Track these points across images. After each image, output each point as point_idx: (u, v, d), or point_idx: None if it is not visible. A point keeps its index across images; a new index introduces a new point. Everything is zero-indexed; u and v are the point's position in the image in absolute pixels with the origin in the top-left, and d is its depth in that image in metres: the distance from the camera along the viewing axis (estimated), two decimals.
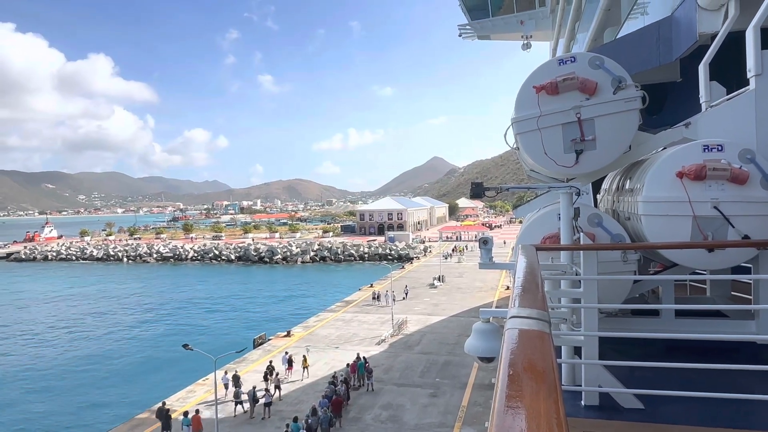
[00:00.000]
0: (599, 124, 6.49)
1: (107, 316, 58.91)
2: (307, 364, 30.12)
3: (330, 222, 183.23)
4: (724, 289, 8.06)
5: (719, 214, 5.90)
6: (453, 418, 23.59)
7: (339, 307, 49.40)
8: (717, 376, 5.27)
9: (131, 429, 23.91)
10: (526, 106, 6.71)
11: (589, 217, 6.77)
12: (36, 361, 42.52)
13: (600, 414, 4.94)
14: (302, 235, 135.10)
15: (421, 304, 48.99)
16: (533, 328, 1.72)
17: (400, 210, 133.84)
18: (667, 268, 7.47)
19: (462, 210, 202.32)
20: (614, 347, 6.84)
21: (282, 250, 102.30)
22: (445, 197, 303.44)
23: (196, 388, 28.69)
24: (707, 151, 6.04)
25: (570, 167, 6.61)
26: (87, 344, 47.24)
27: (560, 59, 6.72)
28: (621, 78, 6.44)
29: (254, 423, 24.12)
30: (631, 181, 7.22)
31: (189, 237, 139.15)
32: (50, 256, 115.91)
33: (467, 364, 30.24)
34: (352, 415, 24.27)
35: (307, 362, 30.17)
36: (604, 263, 6.38)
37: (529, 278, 2.78)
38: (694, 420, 4.66)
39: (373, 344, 35.70)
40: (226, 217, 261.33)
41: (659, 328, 6.71)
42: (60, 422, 30.05)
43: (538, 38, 34.61)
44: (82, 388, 35.63)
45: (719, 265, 6.23)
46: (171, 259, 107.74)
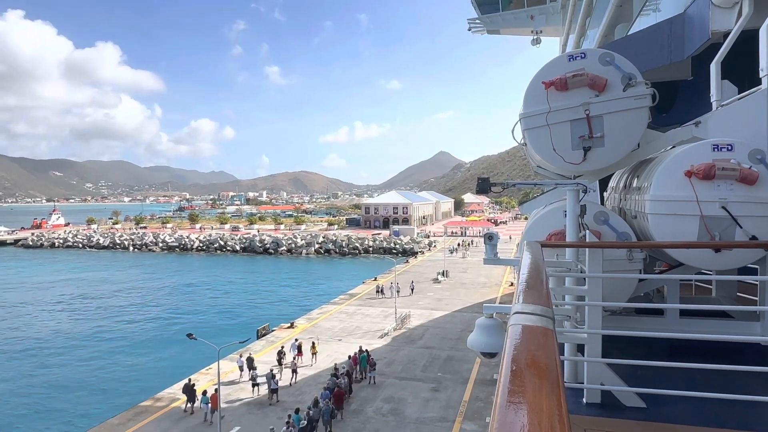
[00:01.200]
0: (608, 121, 6.44)
1: (112, 304, 59.37)
2: (316, 350, 31.31)
3: (335, 215, 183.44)
4: (730, 290, 8.02)
5: (727, 214, 5.86)
6: (454, 413, 23.67)
7: (342, 299, 49.55)
8: (721, 377, 5.25)
9: (135, 416, 24.14)
10: (535, 101, 6.67)
11: (596, 214, 6.74)
12: (39, 346, 42.96)
13: (602, 412, 4.94)
14: (307, 227, 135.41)
15: (424, 298, 49.06)
16: (537, 324, 1.71)
17: (406, 204, 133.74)
18: (672, 268, 7.43)
19: (467, 205, 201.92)
20: (617, 346, 6.82)
21: (287, 241, 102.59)
22: (450, 192, 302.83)
23: (200, 376, 28.89)
24: (717, 150, 5.98)
25: (577, 164, 6.58)
26: (91, 331, 47.65)
27: (570, 55, 6.67)
28: (631, 75, 6.38)
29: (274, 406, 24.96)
30: (638, 180, 7.17)
31: (194, 227, 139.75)
32: (57, 243, 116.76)
33: (469, 359, 30.30)
34: (354, 408, 24.40)
35: (316, 348, 31.38)
36: (610, 261, 6.36)
37: (533, 274, 2.76)
38: (696, 420, 4.65)
39: (375, 337, 35.81)
40: (232, 208, 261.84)
41: (663, 328, 6.68)
42: (63, 408, 30.39)
43: (549, 34, 34.36)
44: (85, 375, 36.00)
45: (726, 265, 6.19)
46: (176, 249, 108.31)
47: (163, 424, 23.19)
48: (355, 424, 22.78)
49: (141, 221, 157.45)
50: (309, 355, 30.81)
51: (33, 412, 29.96)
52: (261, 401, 25.36)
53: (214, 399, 22.67)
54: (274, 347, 32.57)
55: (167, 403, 25.46)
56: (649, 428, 4.52)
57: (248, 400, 25.56)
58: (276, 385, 25.42)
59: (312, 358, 30.76)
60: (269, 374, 25.53)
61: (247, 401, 25.44)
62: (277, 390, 25.44)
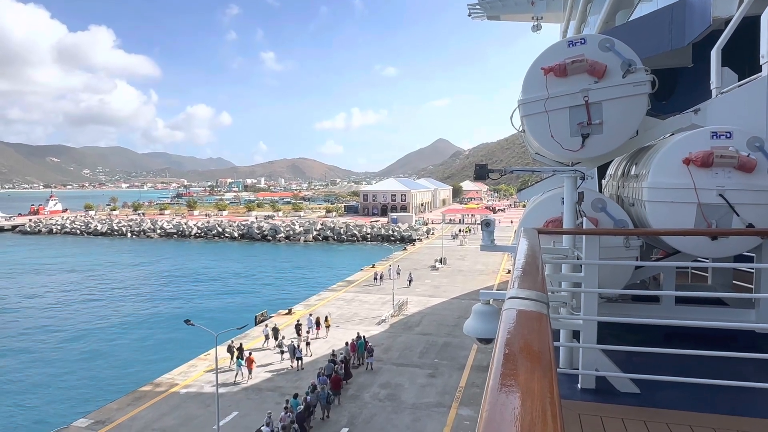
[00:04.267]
0: (607, 108, 6.40)
1: (109, 290, 59.46)
2: (329, 323, 34.46)
3: (333, 202, 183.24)
4: (725, 277, 8.05)
5: (724, 201, 5.86)
6: (450, 399, 23.88)
7: (340, 286, 49.70)
8: (715, 363, 5.28)
9: (134, 401, 24.32)
10: (534, 88, 6.62)
11: (593, 201, 6.73)
12: (37, 332, 43.06)
13: (596, 397, 4.98)
14: (305, 214, 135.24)
15: (422, 285, 49.23)
16: (531, 309, 1.71)
17: (404, 191, 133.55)
18: (669, 255, 7.45)
19: (466, 193, 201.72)
20: (613, 332, 6.86)
21: (285, 228, 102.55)
22: (449, 180, 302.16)
23: (198, 362, 29.08)
24: (715, 138, 5.96)
25: (576, 151, 6.55)
26: (88, 317, 47.76)
27: (570, 41, 6.61)
28: (631, 61, 6.33)
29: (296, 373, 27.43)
30: (637, 167, 7.16)
31: (192, 213, 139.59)
32: (55, 229, 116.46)
33: (466, 346, 30.50)
34: (351, 393, 24.60)
35: (329, 322, 34.53)
36: (606, 248, 6.37)
37: (529, 261, 2.76)
38: (690, 405, 4.69)
39: (373, 324, 35.99)
40: (230, 195, 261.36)
41: (659, 315, 6.72)
42: (60, 394, 30.56)
43: (549, 20, 34.06)
44: (82, 361, 36.14)
45: (722, 253, 6.20)
46: (175, 235, 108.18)
47: (162, 409, 23.36)
48: (353, 409, 22.98)
49: (139, 207, 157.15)
50: (324, 329, 33.87)
51: (30, 395, 30.15)
52: (259, 386, 25.58)
53: (249, 361, 26.52)
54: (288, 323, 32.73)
55: (166, 388, 25.63)
56: (643, 413, 4.56)
57: (245, 385, 25.75)
58: (300, 353, 28.22)
59: (327, 331, 33.76)
60: (291, 345, 28.36)
61: (245, 386, 25.63)
62: (302, 358, 28.27)
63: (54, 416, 26.91)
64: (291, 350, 28.16)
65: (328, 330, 33.90)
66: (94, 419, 22.60)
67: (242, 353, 27.42)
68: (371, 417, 22.30)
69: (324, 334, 33.50)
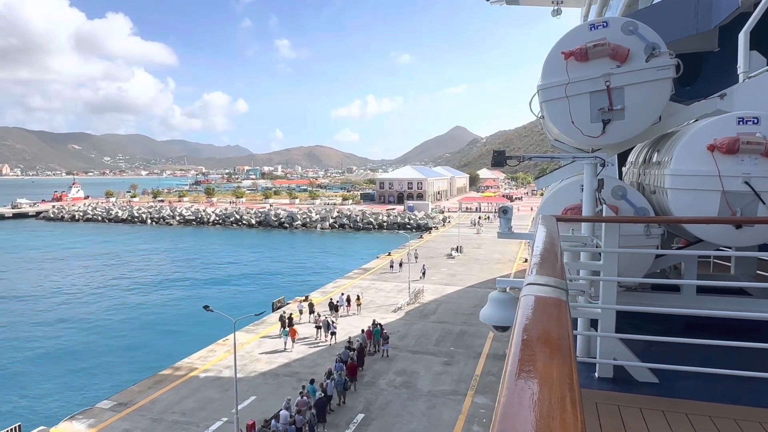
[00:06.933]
0: (629, 93, 6.25)
1: (130, 275, 60.62)
2: (360, 302, 36.82)
3: (350, 189, 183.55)
4: (749, 267, 7.88)
5: (750, 189, 5.71)
6: (466, 387, 23.94)
7: (356, 274, 49.94)
8: (737, 355, 5.19)
9: (155, 384, 24.86)
10: (554, 72, 6.49)
11: (613, 189, 6.62)
12: (60, 316, 44.17)
13: (614, 386, 4.93)
14: (321, 201, 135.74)
15: (438, 274, 49.20)
16: (550, 296, 1.68)
17: (421, 179, 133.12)
18: (691, 244, 7.30)
19: (483, 181, 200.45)
20: (631, 322, 6.78)
21: (301, 216, 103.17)
22: (466, 167, 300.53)
23: (216, 347, 29.57)
24: (742, 123, 5.79)
25: (596, 137, 6.43)
26: (109, 302, 48.83)
27: (592, 24, 6.45)
28: (655, 45, 6.15)
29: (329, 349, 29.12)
30: (659, 154, 7.00)
31: (210, 200, 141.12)
32: (77, 215, 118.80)
33: (482, 334, 30.48)
34: (367, 380, 24.80)
35: (360, 300, 36.97)
36: (626, 236, 6.26)
37: (548, 248, 2.72)
38: (710, 396, 4.61)
39: (389, 311, 36.14)
40: (248, 182, 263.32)
41: (679, 304, 6.61)
42: (81, 378, 31.38)
43: (569, 4, 33.26)
44: (104, 344, 37.02)
45: (746, 242, 6.05)
46: (193, 222, 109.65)
47: (182, 392, 23.85)
48: (369, 396, 23.19)
49: (158, 194, 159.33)
50: (355, 307, 36.15)
51: (53, 377, 31.03)
52: (276, 372, 25.93)
53: (293, 332, 29.31)
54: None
55: (186, 372, 26.14)
56: (661, 403, 4.51)
57: (264, 370, 26.12)
58: (335, 328, 30.11)
59: (358, 308, 36.07)
60: (325, 321, 30.45)
61: (263, 371, 26.01)
62: (336, 333, 30.01)
63: (77, 397, 27.70)
64: (325, 325, 30.26)
65: (359, 308, 36.23)
66: (117, 401, 23.18)
67: (292, 322, 30.57)
68: (387, 404, 22.48)
69: (356, 311, 35.93)
